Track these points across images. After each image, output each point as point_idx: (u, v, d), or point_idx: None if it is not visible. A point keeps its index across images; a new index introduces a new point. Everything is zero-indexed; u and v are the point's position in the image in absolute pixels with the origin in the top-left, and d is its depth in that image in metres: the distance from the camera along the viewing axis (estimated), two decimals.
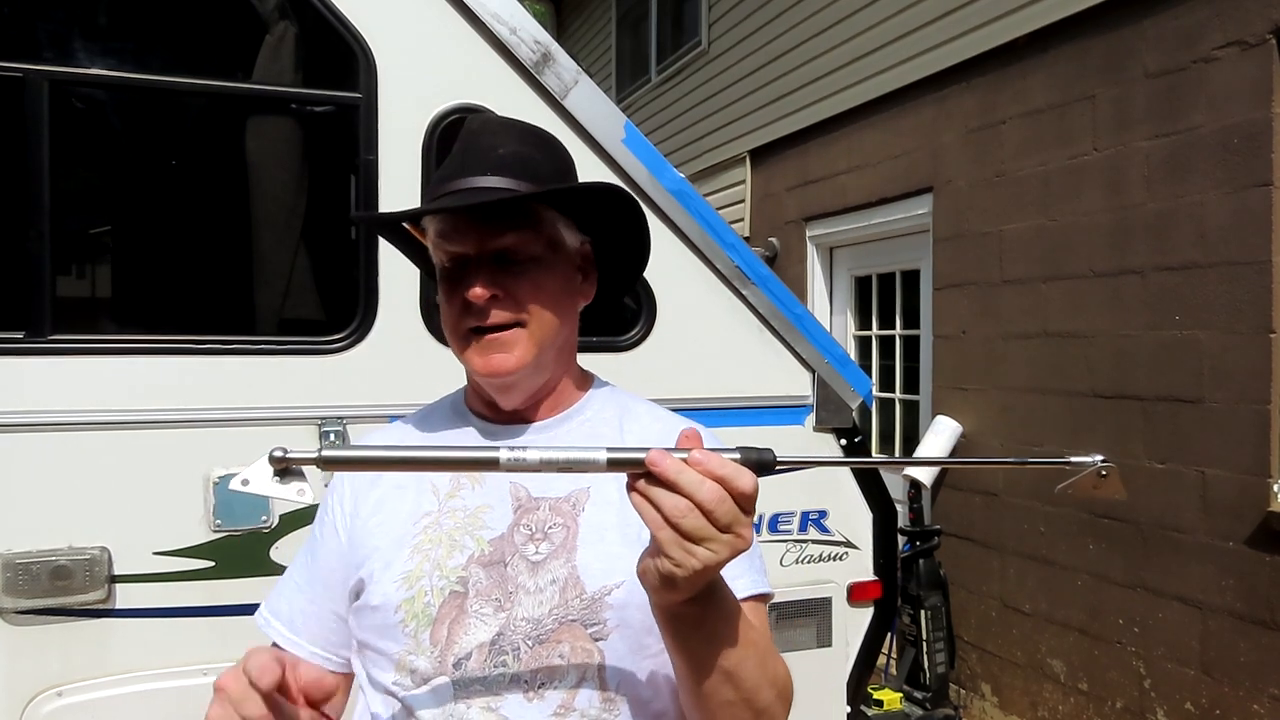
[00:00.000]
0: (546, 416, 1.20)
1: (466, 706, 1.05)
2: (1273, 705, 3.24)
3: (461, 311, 1.11)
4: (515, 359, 1.10)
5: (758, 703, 0.99)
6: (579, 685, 1.06)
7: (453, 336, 1.14)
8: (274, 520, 2.14)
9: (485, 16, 2.28)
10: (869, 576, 2.70)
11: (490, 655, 1.06)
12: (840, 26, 5.54)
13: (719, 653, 0.94)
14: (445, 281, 1.12)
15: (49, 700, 1.98)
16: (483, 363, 1.11)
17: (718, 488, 0.82)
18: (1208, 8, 3.44)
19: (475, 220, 1.09)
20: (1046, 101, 4.13)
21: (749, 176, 6.70)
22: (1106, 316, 3.85)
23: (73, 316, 2.11)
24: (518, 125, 1.19)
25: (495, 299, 1.08)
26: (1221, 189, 3.39)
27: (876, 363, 5.68)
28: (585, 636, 1.07)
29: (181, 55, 2.22)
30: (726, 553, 0.84)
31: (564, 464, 0.85)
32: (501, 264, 1.10)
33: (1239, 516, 3.34)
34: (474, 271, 1.09)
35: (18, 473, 1.99)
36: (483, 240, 1.09)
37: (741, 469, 0.84)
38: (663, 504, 0.82)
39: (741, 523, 0.84)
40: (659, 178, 2.41)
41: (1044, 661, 4.22)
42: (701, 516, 0.82)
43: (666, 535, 0.83)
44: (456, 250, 1.10)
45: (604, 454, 0.84)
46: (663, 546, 0.83)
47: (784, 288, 2.60)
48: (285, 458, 0.83)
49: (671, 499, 0.82)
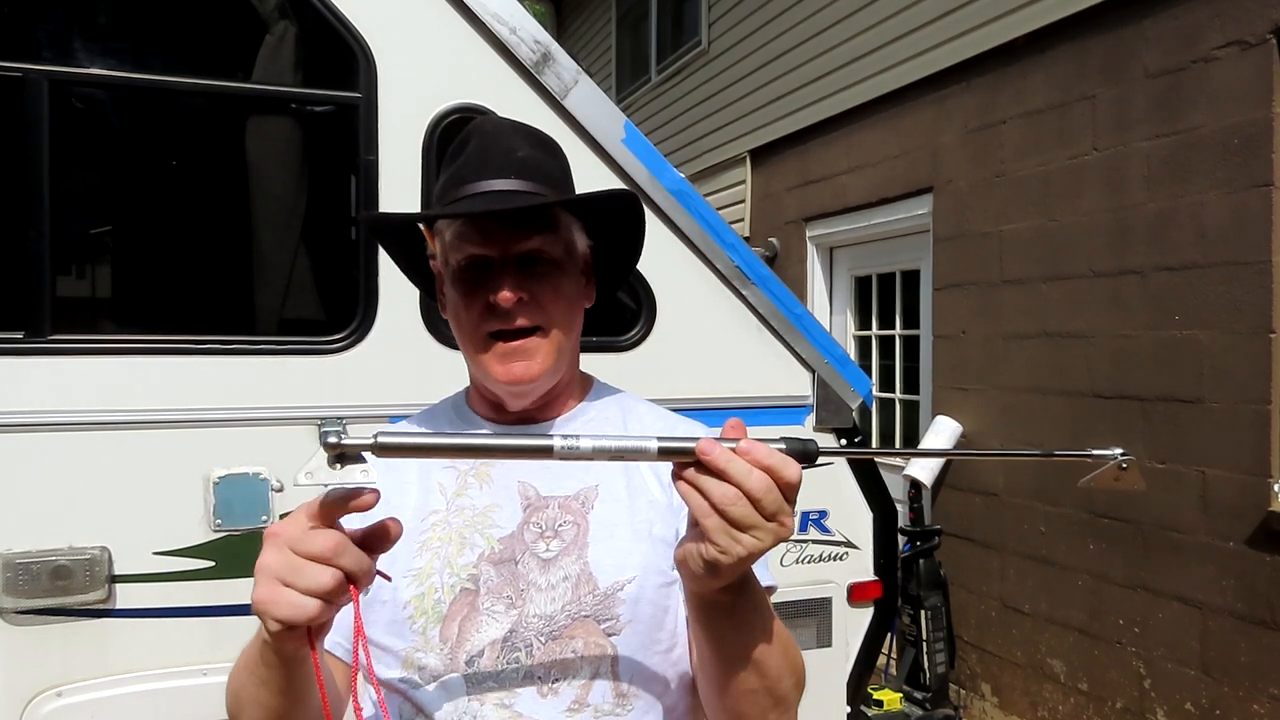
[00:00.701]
0: (552, 418, 1.20)
1: (480, 704, 1.05)
2: (1273, 705, 3.24)
3: (483, 315, 1.10)
4: (538, 366, 1.11)
5: (778, 690, 1.01)
6: (592, 680, 1.07)
7: (470, 340, 1.12)
8: (274, 520, 2.14)
9: (485, 16, 2.28)
10: (869, 576, 2.70)
11: (503, 652, 1.06)
12: (840, 26, 5.54)
13: (747, 641, 0.95)
14: (462, 284, 1.11)
15: (49, 700, 1.98)
16: (504, 370, 1.10)
17: (765, 476, 0.83)
18: (1208, 8, 3.44)
19: (502, 223, 1.09)
20: (1046, 101, 4.13)
21: (749, 176, 6.70)
22: (1106, 316, 3.85)
23: (73, 316, 2.11)
24: (526, 128, 1.19)
25: (520, 302, 1.09)
26: (1221, 189, 3.39)
27: (876, 363, 5.68)
28: (598, 632, 1.08)
29: (182, 55, 2.22)
30: (770, 540, 0.85)
31: (616, 452, 0.85)
32: (523, 267, 1.10)
33: (1239, 516, 3.34)
34: (499, 274, 1.08)
35: (18, 473, 1.99)
36: (508, 243, 1.09)
37: (787, 459, 0.85)
38: (711, 492, 0.83)
39: (785, 511, 0.85)
40: (659, 178, 2.41)
41: (1044, 661, 4.22)
42: (749, 504, 0.83)
43: (714, 523, 0.83)
44: (479, 252, 1.09)
45: (655, 443, 0.85)
46: (710, 533, 0.84)
47: (784, 288, 2.60)
48: (340, 444, 0.81)
49: (721, 487, 0.83)
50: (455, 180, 1.12)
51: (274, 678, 0.89)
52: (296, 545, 0.82)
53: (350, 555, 0.83)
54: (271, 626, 0.83)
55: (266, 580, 0.83)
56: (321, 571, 0.82)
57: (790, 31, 6.07)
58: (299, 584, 0.82)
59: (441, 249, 1.14)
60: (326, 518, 0.84)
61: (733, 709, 1.01)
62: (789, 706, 1.04)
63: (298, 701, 0.92)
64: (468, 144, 1.15)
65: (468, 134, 1.17)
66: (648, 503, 1.14)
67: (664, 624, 1.11)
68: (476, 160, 1.12)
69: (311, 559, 0.82)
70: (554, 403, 1.20)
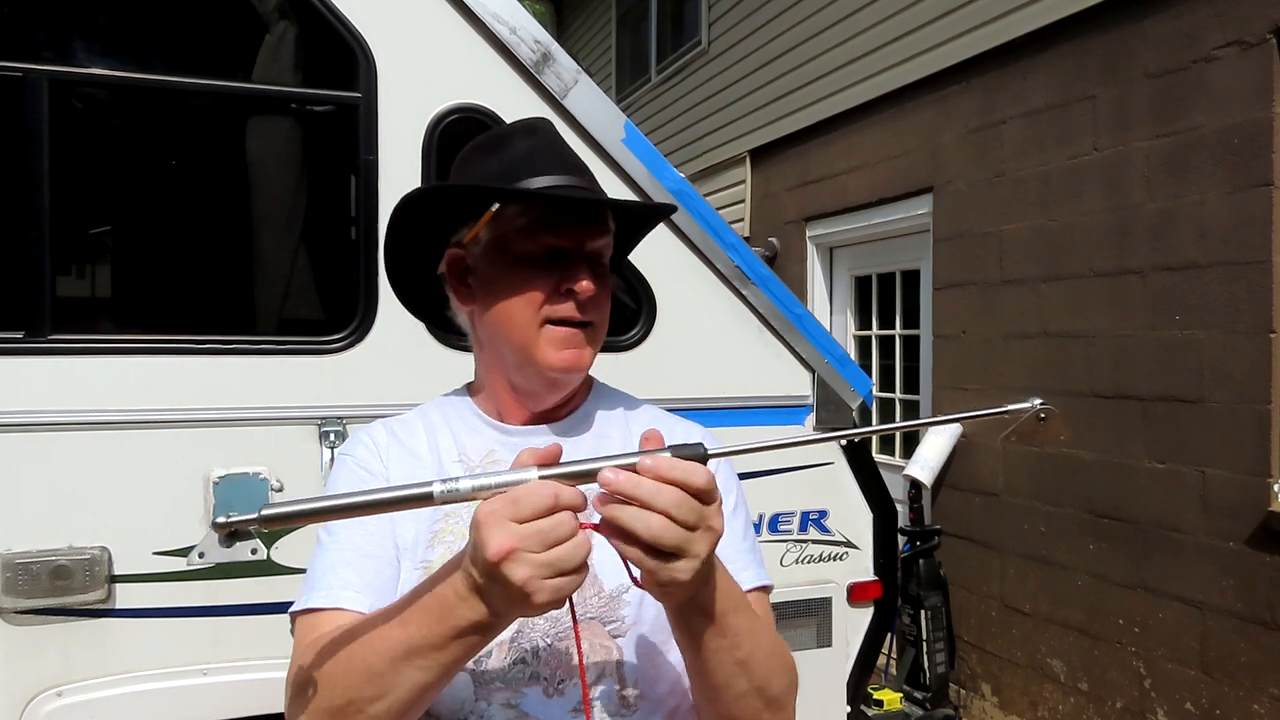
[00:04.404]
0: (558, 418, 1.20)
1: (487, 704, 1.05)
2: (1273, 705, 3.24)
3: (550, 298, 1.10)
4: (587, 357, 1.13)
5: (770, 691, 1.01)
6: (598, 681, 1.07)
7: (526, 326, 1.11)
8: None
9: (485, 16, 2.28)
10: (869, 576, 2.70)
11: (510, 652, 1.06)
12: (840, 26, 5.54)
13: (731, 643, 0.96)
14: (526, 269, 1.10)
15: (49, 700, 1.98)
16: (559, 357, 1.11)
17: (675, 490, 0.83)
18: (1208, 8, 3.44)
19: (587, 219, 1.11)
20: (1046, 101, 4.13)
21: (749, 176, 6.70)
22: (1106, 316, 3.85)
23: (73, 316, 2.11)
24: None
25: (591, 297, 1.10)
26: (1221, 189, 3.39)
27: (876, 363, 5.68)
28: (604, 634, 1.08)
29: (182, 55, 2.21)
30: (706, 546, 0.85)
31: (496, 488, 0.85)
32: (592, 264, 1.12)
33: (1239, 516, 3.34)
34: (578, 265, 1.10)
35: (18, 473, 1.99)
36: (584, 238, 1.11)
37: (691, 467, 0.85)
38: (635, 527, 0.83)
39: (707, 516, 0.85)
40: (659, 178, 2.41)
41: (1044, 661, 4.22)
42: (673, 525, 0.83)
43: (637, 554, 0.84)
44: (558, 243, 1.10)
45: (535, 472, 0.85)
46: (643, 566, 0.85)
47: (784, 288, 2.60)
48: (230, 521, 0.85)
49: (643, 518, 0.83)
50: (523, 168, 1.11)
51: (453, 658, 0.90)
52: (549, 535, 0.83)
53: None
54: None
55: (540, 569, 0.82)
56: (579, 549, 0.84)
57: (790, 31, 6.07)
58: (567, 568, 0.83)
59: (496, 235, 1.11)
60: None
61: (725, 714, 1.01)
62: (782, 707, 1.04)
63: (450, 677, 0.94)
64: (511, 139, 1.15)
65: (511, 130, 1.18)
66: None
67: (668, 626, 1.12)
68: (545, 154, 1.13)
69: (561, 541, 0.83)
70: (560, 405, 1.20)
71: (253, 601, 2.09)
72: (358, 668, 0.93)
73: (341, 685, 0.94)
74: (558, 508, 0.83)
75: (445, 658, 0.90)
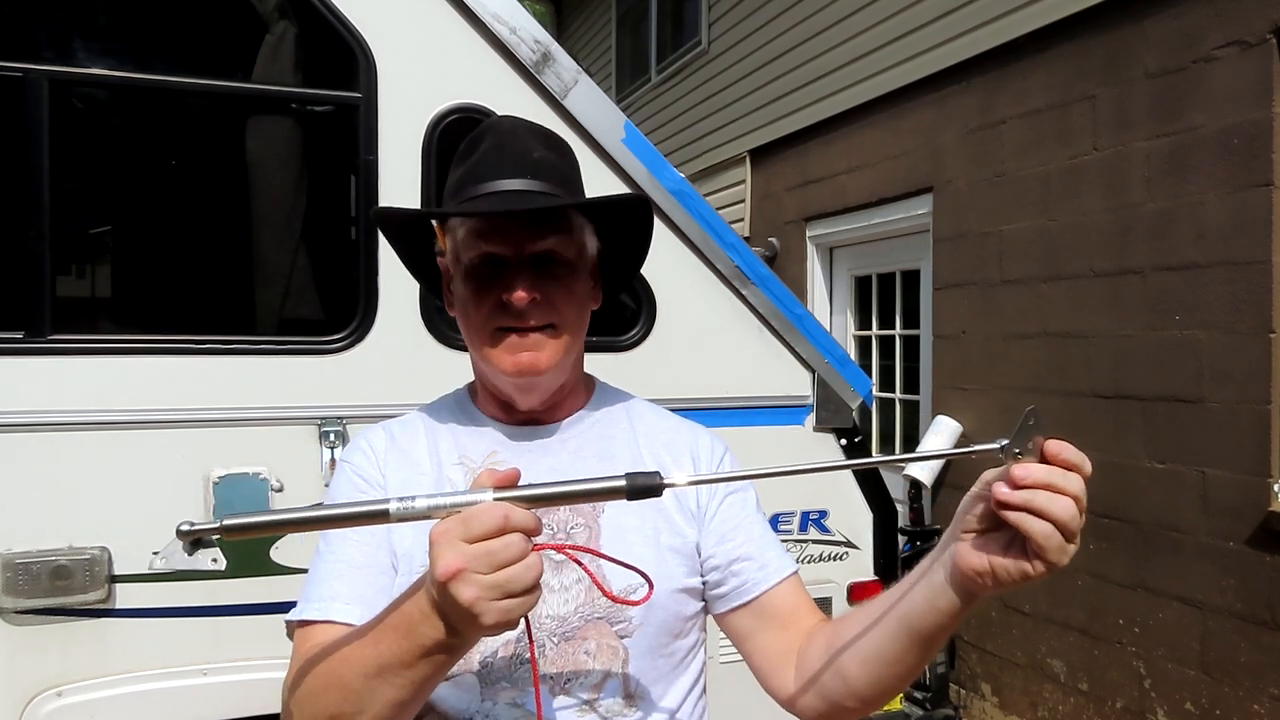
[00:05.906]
0: (561, 418, 1.21)
1: (493, 704, 1.06)
2: (1273, 705, 3.24)
3: (494, 311, 1.10)
4: (545, 358, 1.11)
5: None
6: (604, 681, 1.08)
7: (478, 334, 1.13)
8: None
9: (485, 16, 2.28)
10: (869, 576, 2.69)
11: (516, 652, 1.07)
12: (840, 26, 5.54)
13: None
14: (473, 280, 1.11)
15: (49, 700, 1.98)
16: (512, 361, 1.10)
17: (1080, 480, 0.87)
18: (1208, 8, 3.44)
19: (519, 223, 1.09)
20: (1046, 101, 4.13)
21: (749, 176, 6.70)
22: (1106, 316, 3.85)
23: (73, 316, 2.11)
24: (539, 129, 1.20)
25: (534, 302, 1.09)
26: (1221, 189, 3.39)
27: (876, 363, 5.68)
28: (611, 634, 1.09)
29: (182, 55, 2.22)
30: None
31: (450, 508, 0.86)
32: (537, 267, 1.10)
33: (1239, 516, 3.34)
34: (514, 274, 1.09)
35: (18, 473, 1.99)
36: (523, 243, 1.09)
37: (1080, 455, 0.89)
38: (1058, 514, 0.86)
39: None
40: (659, 178, 2.41)
41: (1044, 661, 4.22)
42: (1076, 510, 0.87)
43: (1057, 542, 0.87)
44: (493, 251, 1.09)
45: (490, 494, 0.86)
46: (1051, 554, 0.87)
47: (784, 288, 2.60)
48: (193, 530, 0.87)
49: (1064, 505, 0.86)
50: (470, 178, 1.12)
51: (422, 675, 0.90)
52: (497, 556, 0.83)
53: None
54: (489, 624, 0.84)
55: (487, 590, 0.82)
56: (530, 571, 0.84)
57: (790, 31, 6.07)
58: (515, 590, 0.83)
59: (453, 246, 1.13)
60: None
61: (891, 677, 1.03)
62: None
63: (425, 695, 0.95)
64: (481, 142, 1.15)
65: (481, 132, 1.17)
66: (656, 510, 1.14)
67: (674, 629, 1.13)
68: (492, 159, 1.12)
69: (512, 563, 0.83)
70: (561, 405, 1.21)
71: (253, 601, 2.09)
72: (334, 685, 0.95)
73: (323, 701, 0.96)
74: (507, 529, 0.83)
75: (415, 675, 0.90)
